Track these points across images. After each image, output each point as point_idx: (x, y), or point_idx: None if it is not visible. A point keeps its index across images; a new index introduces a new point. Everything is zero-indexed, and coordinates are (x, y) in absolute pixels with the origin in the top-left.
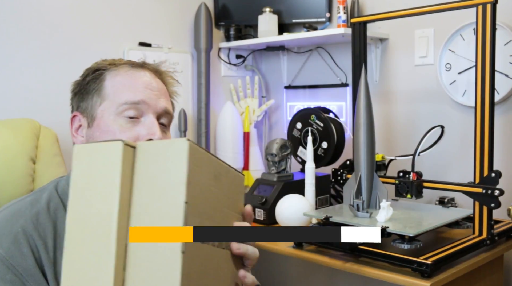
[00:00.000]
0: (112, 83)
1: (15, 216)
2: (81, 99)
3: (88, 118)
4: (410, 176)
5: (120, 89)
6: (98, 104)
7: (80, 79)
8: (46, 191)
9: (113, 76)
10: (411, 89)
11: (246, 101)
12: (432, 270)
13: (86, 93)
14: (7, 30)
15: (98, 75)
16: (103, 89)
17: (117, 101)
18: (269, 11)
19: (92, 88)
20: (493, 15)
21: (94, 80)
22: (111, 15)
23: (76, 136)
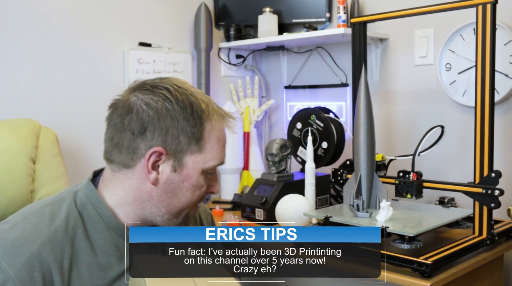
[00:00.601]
0: (209, 138)
1: (33, 233)
2: (172, 135)
3: (175, 162)
4: (410, 176)
5: (215, 149)
6: (191, 153)
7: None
8: (65, 203)
9: (211, 129)
10: (411, 89)
11: (246, 101)
12: (432, 270)
13: (183, 133)
14: (7, 30)
15: (201, 120)
16: (202, 140)
17: (211, 162)
18: (269, 11)
19: (193, 132)
20: (493, 15)
21: (195, 124)
22: (111, 15)
23: (151, 172)
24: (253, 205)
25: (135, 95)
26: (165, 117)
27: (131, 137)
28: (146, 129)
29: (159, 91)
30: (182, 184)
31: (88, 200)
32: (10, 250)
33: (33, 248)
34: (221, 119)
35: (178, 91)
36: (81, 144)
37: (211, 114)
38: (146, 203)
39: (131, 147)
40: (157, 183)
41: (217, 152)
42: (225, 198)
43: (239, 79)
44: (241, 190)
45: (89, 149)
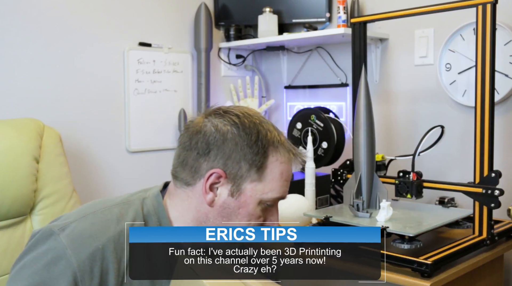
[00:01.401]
0: (272, 169)
1: (101, 229)
2: (233, 159)
3: (233, 186)
4: (410, 176)
5: (276, 181)
6: (250, 180)
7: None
8: (133, 207)
9: (275, 161)
10: (411, 89)
11: (246, 101)
12: (432, 270)
13: (244, 158)
14: (10, 31)
15: (265, 149)
16: (264, 170)
17: (270, 194)
18: (269, 11)
19: (255, 160)
20: (493, 15)
21: (259, 152)
22: (111, 15)
23: (209, 193)
24: None
25: (207, 118)
26: (229, 142)
27: (195, 156)
28: (211, 150)
29: (229, 116)
30: (238, 210)
31: (154, 210)
32: (78, 240)
33: (99, 243)
34: (288, 154)
35: (247, 118)
36: (84, 143)
37: (277, 147)
38: (202, 224)
39: (194, 166)
40: (213, 204)
41: (277, 185)
42: None
43: (239, 79)
44: None
45: (92, 148)
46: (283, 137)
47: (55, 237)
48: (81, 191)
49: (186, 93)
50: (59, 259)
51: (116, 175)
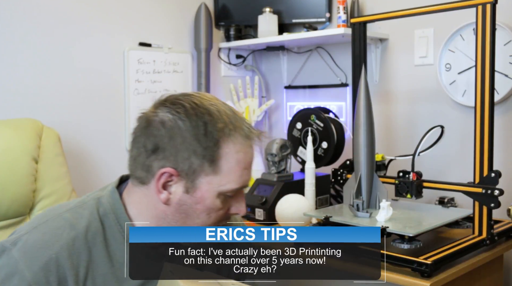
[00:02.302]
0: (228, 161)
1: (52, 237)
2: (183, 156)
3: (187, 183)
4: (410, 176)
5: (234, 172)
6: (205, 175)
7: (184, 127)
8: (87, 210)
9: (230, 152)
10: (411, 89)
11: (246, 101)
12: (432, 270)
13: (194, 154)
14: (9, 31)
15: (216, 142)
16: (218, 162)
17: (229, 186)
18: (269, 11)
19: (205, 154)
20: (493, 15)
21: (209, 146)
22: (111, 15)
23: (162, 192)
24: (253, 205)
25: (155, 112)
26: (176, 137)
27: (145, 155)
28: (158, 148)
29: (176, 108)
30: (196, 206)
31: (111, 209)
32: (29, 252)
33: (52, 252)
34: (244, 140)
35: (195, 109)
36: (83, 143)
37: (231, 135)
38: (162, 221)
39: (145, 165)
40: (169, 203)
41: (236, 175)
42: None
43: (239, 79)
44: None
45: (92, 148)
46: (239, 122)
47: (7, 252)
48: (80, 190)
49: None
50: (13, 275)
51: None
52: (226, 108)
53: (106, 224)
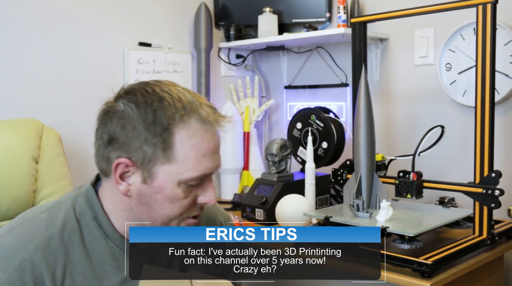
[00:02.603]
0: (183, 147)
1: (27, 238)
2: (135, 145)
3: (144, 173)
4: (410, 176)
5: (191, 159)
6: (161, 163)
7: (134, 116)
8: (63, 209)
9: (184, 139)
10: (411, 89)
11: (246, 101)
12: (432, 270)
13: (145, 143)
14: (9, 31)
15: (165, 129)
16: (171, 150)
17: (188, 174)
18: (269, 11)
19: (156, 142)
20: (493, 15)
21: (159, 134)
22: (111, 15)
23: (121, 183)
24: (253, 205)
25: (111, 102)
26: (127, 127)
27: (103, 146)
28: (113, 139)
29: (128, 97)
30: (155, 196)
31: (87, 206)
32: (4, 254)
33: (25, 254)
34: (201, 125)
35: (145, 96)
36: (84, 143)
37: (184, 121)
38: (130, 214)
39: (104, 156)
40: (130, 194)
41: (194, 162)
42: (225, 198)
43: (239, 79)
44: (241, 190)
45: (92, 148)
46: (194, 106)
47: None
48: None
49: None
50: None
51: None
52: (183, 94)
53: (82, 222)
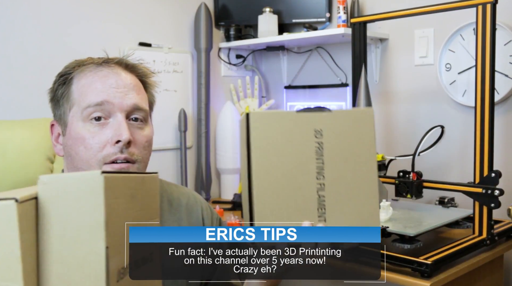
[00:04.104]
0: (77, 87)
1: None
2: (54, 106)
3: (62, 126)
4: (410, 176)
5: (84, 92)
6: (68, 111)
7: (52, 86)
8: None
9: (79, 79)
10: (411, 89)
11: (246, 101)
12: (432, 270)
13: (57, 100)
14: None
15: (65, 79)
16: (71, 94)
17: (82, 105)
18: (269, 11)
19: (61, 94)
20: (493, 15)
21: (62, 86)
22: (111, 15)
23: (56, 145)
24: None
25: None
26: (52, 92)
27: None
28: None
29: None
30: (70, 142)
31: None
32: None
33: None
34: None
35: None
36: None
37: (82, 70)
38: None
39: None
40: (61, 153)
41: (85, 94)
42: (225, 198)
43: (239, 79)
44: (241, 190)
45: None
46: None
47: None
48: None
49: (186, 93)
50: None
51: None
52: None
53: None
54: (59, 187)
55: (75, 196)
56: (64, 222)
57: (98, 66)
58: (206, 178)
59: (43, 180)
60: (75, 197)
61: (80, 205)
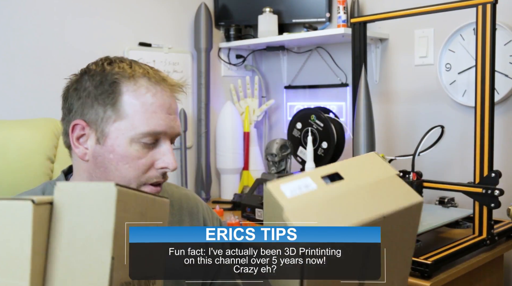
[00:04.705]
0: (131, 102)
1: None
2: (87, 106)
3: (98, 133)
4: (410, 176)
5: (141, 114)
6: (112, 121)
7: (85, 81)
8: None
9: (132, 93)
10: (411, 89)
11: (246, 101)
12: (432, 270)
13: (95, 101)
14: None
15: (112, 84)
16: (120, 105)
17: (138, 129)
18: (269, 11)
19: (105, 98)
20: (493, 15)
21: (107, 90)
22: (111, 15)
23: (78, 147)
24: (253, 205)
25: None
26: (79, 90)
27: (64, 118)
28: (71, 108)
29: (82, 71)
30: (110, 156)
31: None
32: None
33: None
34: (151, 83)
35: (95, 63)
36: None
37: (133, 78)
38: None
39: (65, 128)
40: (87, 158)
41: (144, 117)
42: (225, 198)
43: (239, 79)
44: (241, 190)
45: None
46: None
47: None
48: None
49: (186, 93)
50: None
51: None
52: (134, 62)
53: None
54: (74, 195)
55: (88, 204)
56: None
57: (150, 82)
58: (206, 178)
59: (60, 186)
60: (88, 205)
61: (92, 213)
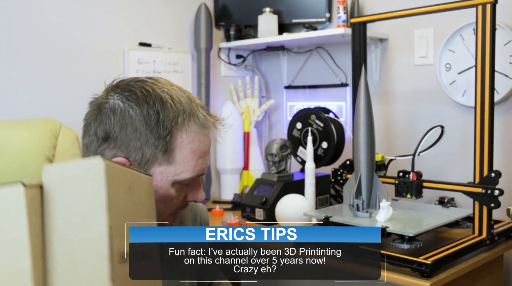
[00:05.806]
0: (180, 150)
1: None
2: (135, 146)
3: (136, 165)
4: (410, 176)
5: (188, 162)
6: (158, 164)
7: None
8: None
9: (183, 141)
10: (411, 89)
11: (246, 101)
12: (432, 270)
13: (146, 144)
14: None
15: (165, 129)
16: (170, 151)
17: (183, 175)
18: (269, 11)
19: (158, 145)
20: (493, 15)
21: (160, 135)
22: (111, 15)
23: None
24: (253, 205)
25: (106, 98)
26: (127, 127)
27: (97, 143)
28: (110, 137)
29: (127, 95)
30: None
31: None
32: None
33: None
34: (200, 129)
35: (146, 97)
36: None
37: (185, 124)
38: None
39: (97, 153)
40: None
41: (190, 164)
42: (225, 198)
43: (239, 79)
44: (241, 190)
45: None
46: (194, 109)
47: None
48: None
49: None
50: None
51: None
52: (181, 95)
53: None
54: (62, 174)
55: (78, 181)
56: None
57: (201, 127)
58: (206, 178)
59: (47, 169)
60: (78, 181)
61: (83, 189)
